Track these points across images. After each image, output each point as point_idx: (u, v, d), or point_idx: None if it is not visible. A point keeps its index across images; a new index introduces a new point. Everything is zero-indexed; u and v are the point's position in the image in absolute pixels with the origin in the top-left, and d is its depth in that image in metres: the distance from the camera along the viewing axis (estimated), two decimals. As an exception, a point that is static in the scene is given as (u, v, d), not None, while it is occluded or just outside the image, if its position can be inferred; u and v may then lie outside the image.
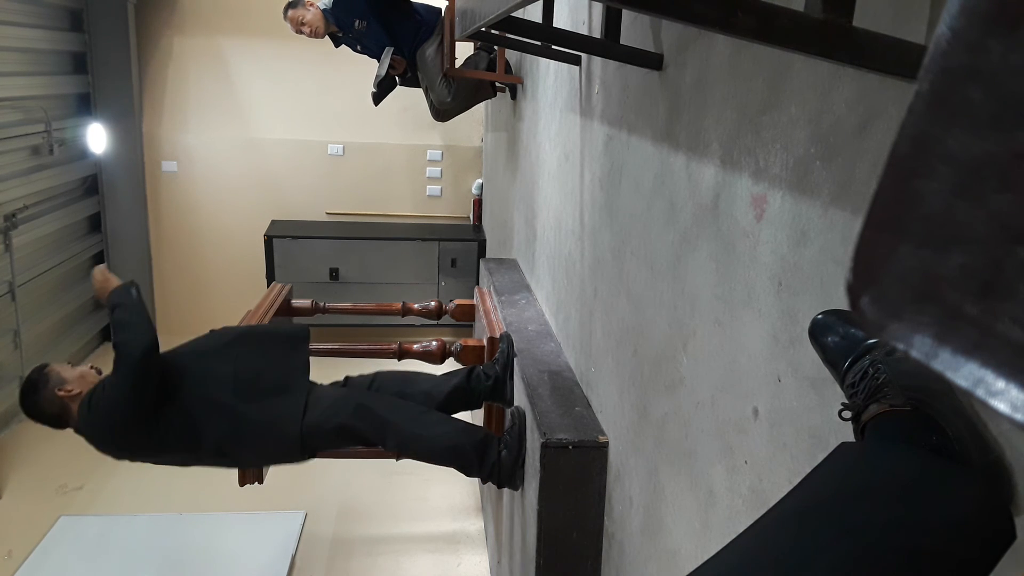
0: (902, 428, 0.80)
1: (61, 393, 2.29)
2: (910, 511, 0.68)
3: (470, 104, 4.22)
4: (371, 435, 2.46)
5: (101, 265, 2.47)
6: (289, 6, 3.95)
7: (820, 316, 0.96)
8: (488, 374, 2.72)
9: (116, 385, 2.23)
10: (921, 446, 0.77)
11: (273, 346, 2.55)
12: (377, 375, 2.73)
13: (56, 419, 2.33)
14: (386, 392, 2.63)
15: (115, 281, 2.35)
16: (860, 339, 0.89)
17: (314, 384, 2.57)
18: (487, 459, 2.48)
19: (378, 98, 4.04)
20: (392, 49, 3.89)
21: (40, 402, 2.31)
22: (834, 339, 0.92)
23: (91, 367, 2.42)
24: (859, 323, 0.87)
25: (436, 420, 2.51)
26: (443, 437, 2.48)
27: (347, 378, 2.74)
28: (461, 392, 2.70)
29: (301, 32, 3.98)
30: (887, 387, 0.83)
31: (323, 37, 4.03)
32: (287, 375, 2.47)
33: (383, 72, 3.86)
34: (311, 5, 3.92)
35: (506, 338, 2.82)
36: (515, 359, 2.66)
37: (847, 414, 0.88)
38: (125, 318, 2.24)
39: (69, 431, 2.36)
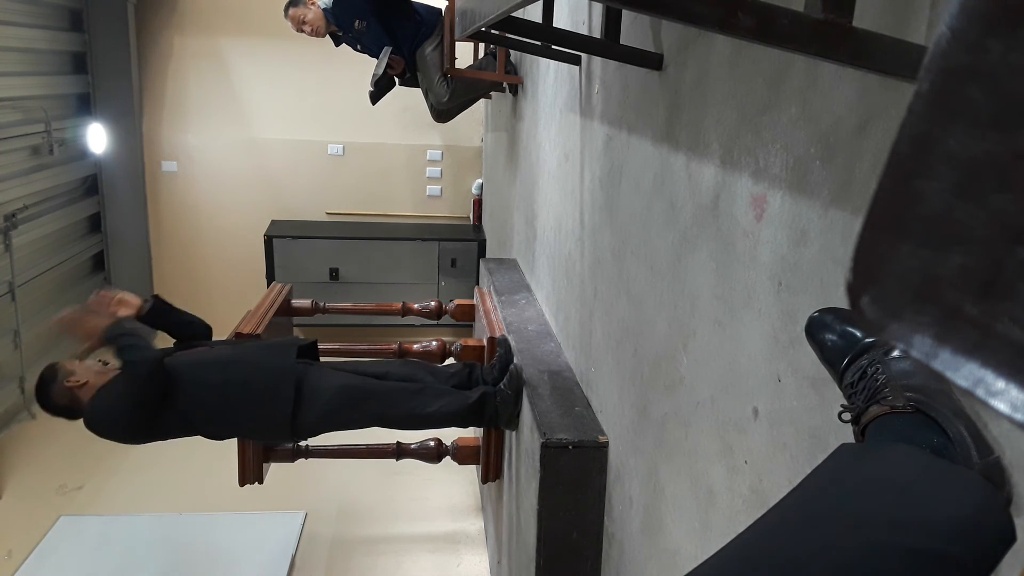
0: (902, 429, 0.80)
1: (69, 384, 2.39)
2: (910, 512, 0.68)
3: (469, 101, 4.22)
4: (365, 415, 2.56)
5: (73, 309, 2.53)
6: (290, 5, 3.95)
7: (816, 314, 0.96)
8: (486, 379, 2.73)
9: (121, 396, 2.36)
10: (921, 447, 0.77)
11: (262, 354, 2.62)
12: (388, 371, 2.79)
13: (68, 410, 2.44)
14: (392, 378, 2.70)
15: (103, 320, 2.43)
16: (858, 338, 0.89)
17: (307, 372, 2.58)
18: (485, 414, 2.62)
19: (375, 97, 4.04)
20: (391, 49, 3.89)
21: (52, 395, 2.42)
22: (831, 337, 0.92)
23: (98, 360, 2.53)
24: (859, 323, 0.87)
25: (431, 395, 2.61)
26: (440, 410, 2.59)
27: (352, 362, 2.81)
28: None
29: (302, 31, 3.98)
30: (887, 388, 0.83)
31: (324, 36, 4.03)
32: (275, 379, 2.52)
33: (380, 71, 3.86)
34: (312, 4, 3.92)
35: (503, 343, 2.82)
36: (521, 380, 2.61)
37: (847, 416, 0.88)
38: (131, 342, 2.36)
39: (78, 426, 2.47)
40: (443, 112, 4.15)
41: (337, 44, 4.14)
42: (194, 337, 2.73)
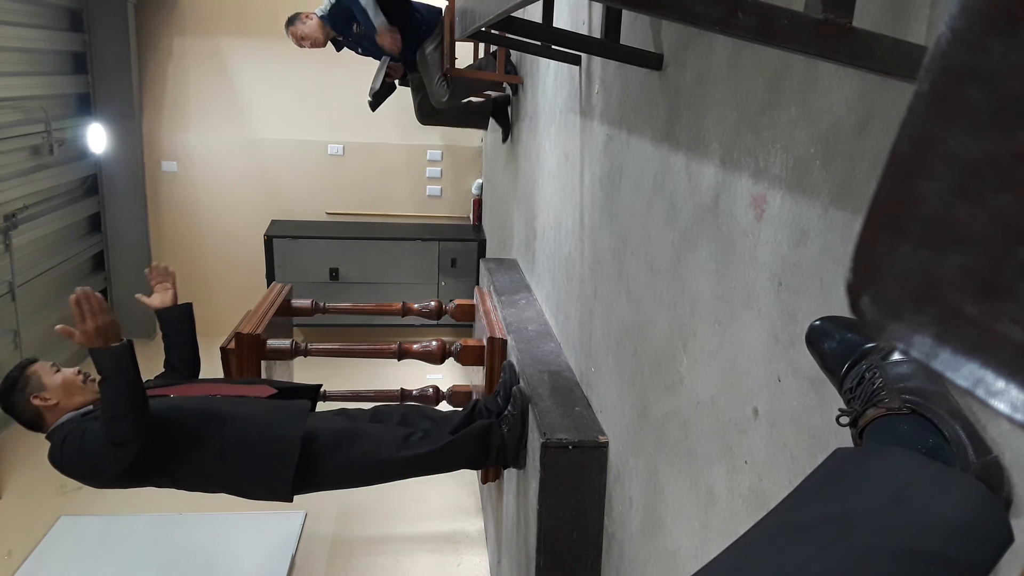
0: (899, 431, 0.80)
1: (36, 402, 2.14)
2: (907, 514, 0.68)
3: (457, 123, 4.27)
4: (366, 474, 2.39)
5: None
6: (289, 23, 4.00)
7: (817, 322, 0.96)
8: (489, 408, 2.58)
9: (100, 454, 2.03)
10: (918, 449, 0.77)
11: (266, 414, 2.34)
12: (375, 409, 2.62)
13: (31, 423, 2.19)
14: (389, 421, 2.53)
15: (96, 337, 2.02)
16: (857, 344, 0.89)
17: (313, 436, 2.33)
18: (491, 447, 2.48)
19: (375, 104, 4.07)
20: (388, 59, 3.92)
21: (15, 404, 2.17)
22: (831, 345, 0.92)
23: (78, 371, 2.27)
24: (858, 324, 0.87)
25: (435, 438, 2.44)
26: (445, 456, 2.44)
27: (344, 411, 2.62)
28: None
29: (302, 46, 4.03)
30: (884, 391, 0.83)
31: (324, 46, 4.07)
32: (278, 447, 2.26)
33: (377, 85, 3.91)
34: (307, 17, 3.95)
35: (507, 368, 2.67)
36: (528, 406, 2.45)
37: (845, 420, 0.88)
38: (115, 395, 1.98)
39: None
40: (430, 114, 4.18)
41: (339, 49, 4.16)
42: (183, 363, 2.51)
